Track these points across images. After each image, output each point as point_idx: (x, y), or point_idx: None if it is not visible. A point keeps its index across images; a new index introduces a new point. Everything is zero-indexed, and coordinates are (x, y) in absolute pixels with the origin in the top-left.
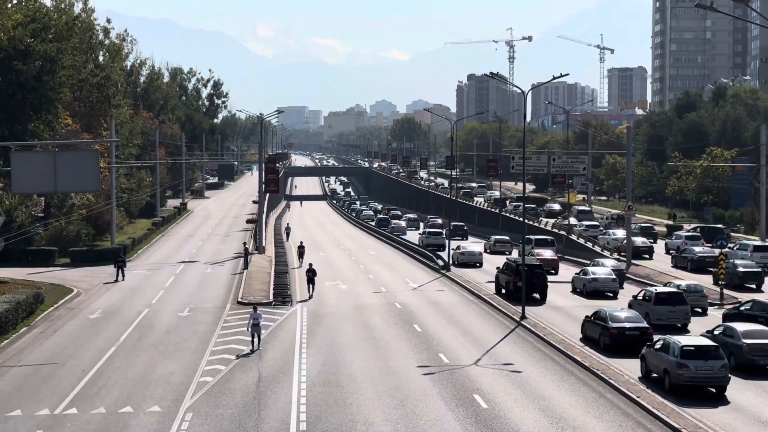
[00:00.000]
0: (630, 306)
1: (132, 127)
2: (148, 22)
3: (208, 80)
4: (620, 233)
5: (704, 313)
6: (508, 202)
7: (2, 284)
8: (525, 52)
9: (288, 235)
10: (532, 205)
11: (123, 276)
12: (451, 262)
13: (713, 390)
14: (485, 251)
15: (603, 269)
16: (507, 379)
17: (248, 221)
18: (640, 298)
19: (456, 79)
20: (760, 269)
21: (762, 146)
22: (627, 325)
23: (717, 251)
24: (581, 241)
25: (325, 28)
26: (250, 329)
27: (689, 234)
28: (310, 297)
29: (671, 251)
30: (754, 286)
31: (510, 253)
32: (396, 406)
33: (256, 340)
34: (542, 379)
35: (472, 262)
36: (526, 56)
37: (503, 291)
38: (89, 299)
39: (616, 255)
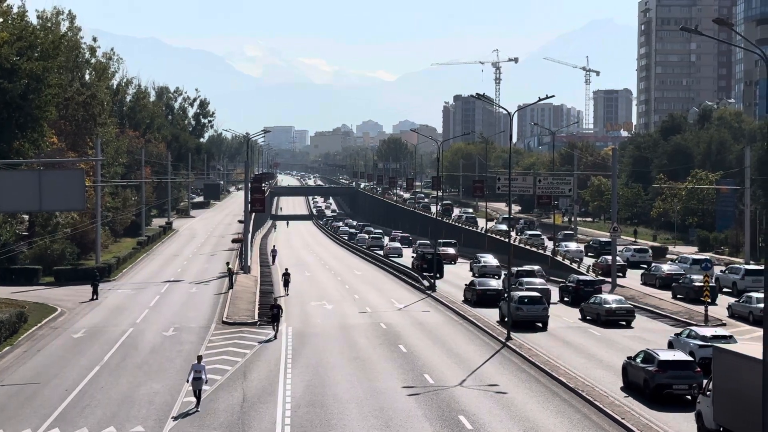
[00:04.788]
0: (502, 281)
1: (118, 146)
2: (134, 41)
3: (195, 99)
4: (572, 246)
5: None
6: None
7: None
8: (511, 73)
9: (274, 258)
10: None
11: (96, 296)
12: (383, 254)
13: (540, 324)
14: (413, 251)
15: (491, 259)
16: (492, 400)
17: (234, 241)
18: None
19: (442, 100)
20: (715, 284)
21: (746, 169)
22: (488, 288)
23: (682, 269)
24: (566, 262)
25: (312, 49)
26: (190, 383)
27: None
28: (275, 337)
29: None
30: (709, 300)
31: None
32: (381, 427)
33: (195, 397)
34: (527, 401)
35: (395, 254)
36: (512, 78)
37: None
38: (73, 318)
39: (593, 275)
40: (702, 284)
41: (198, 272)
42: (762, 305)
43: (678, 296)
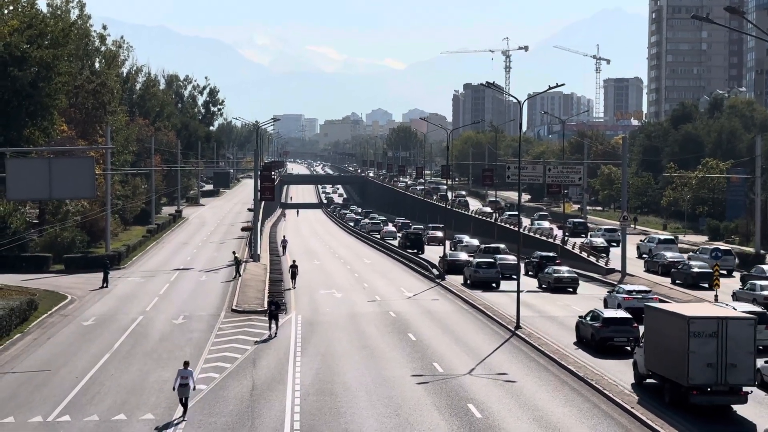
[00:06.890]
0: (474, 256)
1: (127, 134)
2: (144, 29)
3: (204, 88)
4: (545, 224)
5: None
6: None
7: None
8: (521, 61)
9: (284, 248)
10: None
11: (107, 283)
12: (380, 237)
13: (494, 285)
14: None
15: (471, 240)
16: (501, 389)
17: (243, 229)
18: (478, 252)
19: (452, 89)
20: (712, 270)
21: (757, 158)
22: (456, 259)
23: (686, 256)
24: (576, 251)
25: (321, 37)
26: (176, 390)
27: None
28: (273, 336)
29: (644, 255)
30: (706, 285)
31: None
32: (390, 415)
33: (182, 406)
34: (536, 389)
35: (390, 236)
36: (522, 66)
37: (401, 248)
38: (83, 306)
39: (585, 254)
40: (703, 270)
41: (208, 260)
42: (766, 292)
43: (677, 282)
